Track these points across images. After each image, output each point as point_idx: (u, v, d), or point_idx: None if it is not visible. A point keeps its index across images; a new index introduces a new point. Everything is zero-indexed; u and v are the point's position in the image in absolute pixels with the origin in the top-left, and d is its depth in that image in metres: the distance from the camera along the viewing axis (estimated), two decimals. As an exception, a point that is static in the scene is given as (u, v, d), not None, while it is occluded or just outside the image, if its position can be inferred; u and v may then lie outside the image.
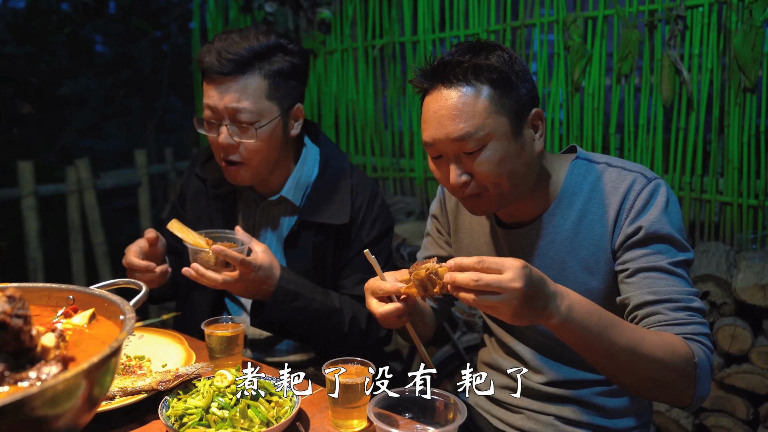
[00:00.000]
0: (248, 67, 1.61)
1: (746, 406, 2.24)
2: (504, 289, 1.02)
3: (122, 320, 0.89)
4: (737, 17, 2.31)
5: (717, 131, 2.49)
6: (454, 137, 1.25)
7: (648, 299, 1.24)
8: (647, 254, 1.27)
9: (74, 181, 3.72)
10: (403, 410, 1.12)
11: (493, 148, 1.25)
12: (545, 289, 1.07)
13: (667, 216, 1.28)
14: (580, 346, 1.15)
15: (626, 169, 1.35)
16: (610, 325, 1.13)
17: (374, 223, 1.77)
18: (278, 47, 1.65)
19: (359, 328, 1.67)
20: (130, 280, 1.11)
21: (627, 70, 2.63)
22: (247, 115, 1.61)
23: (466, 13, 3.08)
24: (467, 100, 1.25)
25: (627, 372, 1.17)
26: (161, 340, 1.52)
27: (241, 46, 1.60)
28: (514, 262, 1.03)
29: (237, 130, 1.63)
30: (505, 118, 1.26)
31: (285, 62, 1.66)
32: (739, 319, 2.23)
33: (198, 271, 1.50)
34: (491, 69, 1.25)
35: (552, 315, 1.09)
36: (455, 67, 1.26)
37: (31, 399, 0.64)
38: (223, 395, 1.17)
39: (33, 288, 1.01)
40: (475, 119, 1.24)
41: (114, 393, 1.20)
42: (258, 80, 1.62)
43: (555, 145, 2.92)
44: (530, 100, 1.31)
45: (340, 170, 1.79)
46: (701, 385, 1.18)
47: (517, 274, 1.02)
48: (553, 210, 1.39)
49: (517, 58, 1.30)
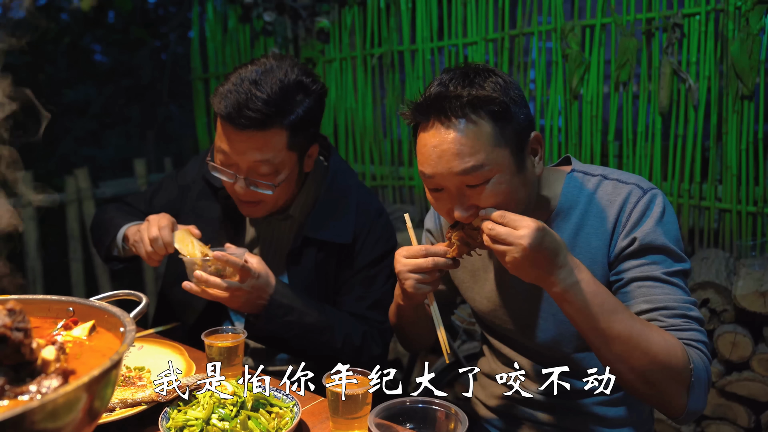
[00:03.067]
0: (270, 123, 1.52)
1: (748, 413, 2.23)
2: (511, 242, 1.12)
3: (122, 332, 0.89)
4: (734, 25, 2.33)
5: (715, 138, 2.49)
6: (457, 172, 1.21)
7: (643, 308, 1.24)
8: (642, 264, 1.27)
9: (73, 191, 3.72)
10: (404, 420, 1.11)
11: (497, 181, 1.22)
12: (555, 258, 1.14)
13: (662, 227, 1.27)
14: (578, 321, 1.18)
15: (622, 181, 1.35)
16: (612, 310, 1.16)
17: (377, 242, 1.76)
18: (299, 88, 1.57)
19: (353, 345, 1.66)
20: (131, 291, 1.11)
21: (625, 77, 2.64)
22: (267, 169, 1.56)
23: (464, 22, 3.09)
24: (469, 135, 1.20)
25: (619, 360, 1.17)
26: (161, 351, 1.52)
27: (260, 99, 1.50)
28: (531, 222, 1.13)
29: (253, 183, 1.58)
30: (506, 150, 1.23)
31: (306, 108, 1.58)
32: (739, 326, 2.23)
33: (201, 278, 1.48)
34: (489, 101, 1.20)
35: (555, 283, 1.15)
36: (453, 102, 1.21)
37: (31, 413, 0.64)
38: (223, 406, 1.17)
39: (33, 300, 1.01)
40: (479, 155, 1.20)
41: (114, 405, 1.20)
42: (279, 133, 1.55)
43: (554, 153, 2.92)
44: (528, 125, 1.28)
45: (346, 187, 1.77)
46: (695, 395, 1.18)
47: (527, 233, 1.11)
48: (550, 224, 1.38)
49: (512, 82, 1.27)
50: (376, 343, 1.70)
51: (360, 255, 1.74)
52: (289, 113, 1.55)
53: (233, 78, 1.55)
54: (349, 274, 1.74)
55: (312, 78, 1.61)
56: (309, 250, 1.72)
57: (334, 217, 1.72)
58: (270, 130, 1.53)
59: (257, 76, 1.53)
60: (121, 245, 1.79)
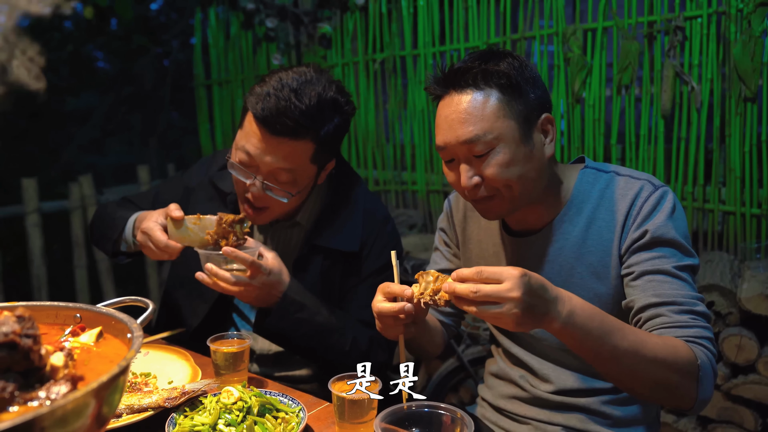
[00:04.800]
0: (302, 134, 1.53)
1: (754, 417, 2.23)
2: (503, 299, 1.04)
3: (130, 338, 0.89)
4: (736, 27, 2.33)
5: (718, 141, 2.49)
6: (463, 140, 1.28)
7: (651, 301, 1.25)
8: (652, 257, 1.29)
9: (77, 198, 3.73)
10: (410, 425, 1.11)
11: (501, 151, 1.28)
12: (546, 294, 1.08)
13: (673, 222, 1.30)
14: (582, 350, 1.15)
15: (634, 177, 1.38)
16: (612, 329, 1.13)
17: (383, 250, 1.75)
18: (333, 105, 1.58)
19: (360, 349, 1.66)
20: (137, 298, 1.11)
21: (627, 80, 2.64)
22: (287, 177, 1.57)
23: (465, 27, 3.10)
24: (476, 104, 1.28)
25: (629, 375, 1.17)
26: (167, 357, 1.52)
27: (296, 109, 1.50)
28: (512, 271, 1.04)
29: (270, 187, 1.59)
30: (513, 122, 1.29)
31: (335, 125, 1.59)
32: (744, 329, 2.22)
33: (211, 271, 1.48)
34: (500, 75, 1.28)
35: (553, 320, 1.10)
36: (465, 73, 1.29)
37: (41, 419, 0.64)
38: (229, 412, 1.17)
39: (40, 306, 1.01)
40: (484, 122, 1.27)
41: (121, 411, 1.20)
42: (307, 145, 1.56)
43: (557, 156, 2.91)
44: (540, 105, 1.34)
45: (354, 195, 1.77)
46: (704, 388, 1.18)
47: (515, 284, 1.03)
48: (562, 217, 1.41)
49: (528, 65, 1.34)
50: (382, 349, 1.70)
51: (366, 262, 1.74)
52: (321, 128, 1.56)
53: (273, 81, 1.54)
54: (355, 282, 1.74)
55: (346, 98, 1.63)
56: (316, 257, 1.71)
57: (341, 224, 1.73)
58: (301, 140, 1.54)
59: (298, 85, 1.53)
60: (131, 240, 1.74)
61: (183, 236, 1.55)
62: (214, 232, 1.54)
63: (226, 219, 1.53)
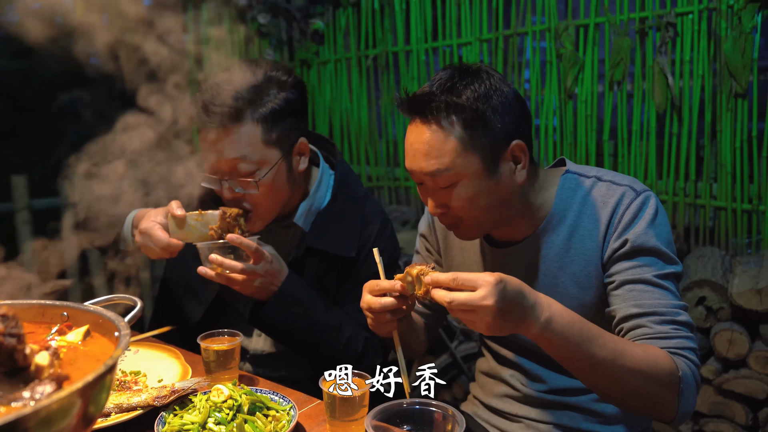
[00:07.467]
0: (238, 116, 1.51)
1: (745, 411, 2.24)
2: (476, 307, 1.03)
3: (117, 337, 0.88)
4: (727, 24, 2.33)
5: (710, 137, 2.50)
6: (426, 172, 1.27)
7: (633, 312, 1.24)
8: (633, 267, 1.27)
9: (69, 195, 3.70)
10: (402, 422, 1.11)
11: (464, 186, 1.26)
12: (523, 301, 1.08)
13: (654, 229, 1.27)
14: (560, 356, 1.15)
15: (616, 183, 1.35)
16: (592, 337, 1.12)
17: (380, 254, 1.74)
18: (269, 83, 1.56)
19: (355, 350, 1.64)
20: (125, 296, 1.10)
21: (619, 76, 2.64)
22: (246, 167, 1.54)
23: (458, 23, 3.09)
24: (438, 137, 1.25)
25: (608, 384, 1.16)
26: (157, 355, 1.51)
27: (227, 94, 1.50)
28: (488, 278, 1.04)
29: (237, 184, 1.56)
30: (476, 157, 1.25)
31: (279, 100, 1.56)
32: (735, 323, 2.23)
33: (216, 261, 1.47)
34: (463, 108, 1.24)
35: (531, 325, 1.09)
36: (428, 104, 1.25)
37: (24, 420, 0.63)
38: (219, 410, 1.16)
39: (26, 305, 1.00)
40: (445, 158, 1.24)
41: (109, 410, 1.19)
42: (251, 127, 1.53)
43: (549, 153, 2.93)
44: (509, 133, 1.28)
45: (353, 198, 1.75)
46: (685, 400, 1.17)
47: (489, 291, 1.03)
48: (544, 227, 1.39)
49: (498, 89, 1.27)
50: (376, 353, 1.69)
51: (363, 267, 1.72)
52: (260, 106, 1.53)
53: (203, 85, 1.57)
54: (350, 287, 1.72)
55: (284, 71, 1.60)
56: (311, 260, 1.69)
57: (338, 228, 1.71)
58: (241, 124, 1.52)
59: (228, 75, 1.56)
60: (130, 239, 1.71)
61: (185, 234, 1.53)
62: (217, 227, 1.53)
63: (230, 213, 1.53)
